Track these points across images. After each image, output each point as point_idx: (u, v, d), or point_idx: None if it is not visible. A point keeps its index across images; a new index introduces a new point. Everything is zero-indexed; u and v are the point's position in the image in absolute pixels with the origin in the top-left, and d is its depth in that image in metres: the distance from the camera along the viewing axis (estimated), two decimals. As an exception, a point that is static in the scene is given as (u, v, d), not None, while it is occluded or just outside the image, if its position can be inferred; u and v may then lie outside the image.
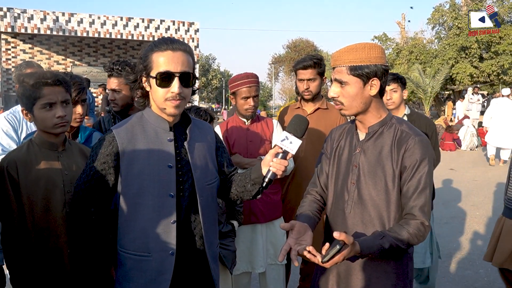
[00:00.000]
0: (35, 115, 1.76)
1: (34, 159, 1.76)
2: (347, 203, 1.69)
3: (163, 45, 1.54)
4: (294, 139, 1.53)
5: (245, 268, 2.70)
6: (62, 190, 1.78)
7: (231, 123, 2.77)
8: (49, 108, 1.74)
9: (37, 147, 1.79)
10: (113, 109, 2.56)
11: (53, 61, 15.40)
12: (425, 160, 1.59)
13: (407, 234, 1.55)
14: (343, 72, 1.62)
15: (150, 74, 1.55)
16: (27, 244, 1.73)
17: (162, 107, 1.58)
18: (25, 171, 1.73)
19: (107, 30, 14.70)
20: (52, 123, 1.75)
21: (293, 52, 40.53)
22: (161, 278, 1.59)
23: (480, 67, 19.76)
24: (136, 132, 1.61)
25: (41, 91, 1.72)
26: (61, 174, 1.79)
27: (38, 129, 1.81)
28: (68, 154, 1.86)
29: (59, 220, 1.77)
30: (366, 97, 1.63)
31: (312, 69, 2.90)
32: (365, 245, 1.52)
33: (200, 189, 1.65)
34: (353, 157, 1.70)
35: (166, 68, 1.52)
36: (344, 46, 1.66)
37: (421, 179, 1.58)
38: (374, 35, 25.34)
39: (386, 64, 1.65)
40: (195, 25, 15.93)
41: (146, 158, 1.58)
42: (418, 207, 1.58)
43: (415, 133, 1.64)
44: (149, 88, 1.59)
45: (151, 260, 1.59)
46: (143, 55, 1.59)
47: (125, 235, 1.63)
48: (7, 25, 13.60)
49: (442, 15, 22.34)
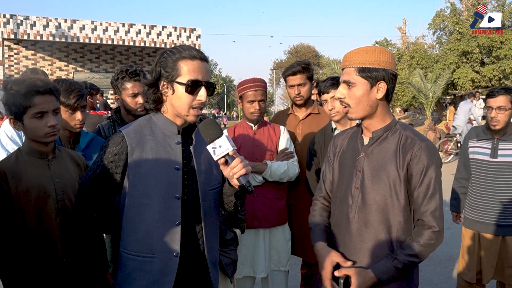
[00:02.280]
0: (25, 124, 1.70)
1: (23, 168, 1.72)
2: (351, 208, 1.69)
3: (191, 53, 1.56)
4: (218, 141, 1.50)
5: (247, 272, 2.70)
6: (54, 198, 1.75)
7: (239, 127, 2.80)
8: (40, 117, 1.69)
9: (26, 156, 1.75)
10: (140, 113, 2.58)
11: (56, 67, 15.46)
12: (433, 165, 1.59)
13: (419, 247, 1.56)
14: (352, 73, 1.63)
15: (176, 80, 1.56)
16: (20, 254, 1.70)
17: (184, 114, 1.59)
18: (15, 181, 1.68)
19: (109, 37, 14.78)
20: (43, 132, 1.70)
21: (295, 58, 40.66)
22: (164, 279, 1.60)
23: (482, 72, 19.74)
24: (145, 133, 1.62)
25: (32, 100, 1.66)
26: (53, 183, 1.76)
27: (27, 138, 1.76)
28: (59, 161, 1.83)
29: (53, 229, 1.74)
30: (373, 100, 1.63)
31: (301, 74, 2.95)
32: (379, 271, 1.55)
33: (203, 193, 1.66)
34: (357, 162, 1.70)
35: (196, 76, 1.55)
36: (355, 48, 1.67)
37: (430, 184, 1.59)
38: (375, 40, 25.41)
39: (395, 70, 1.65)
40: (196, 31, 16.00)
41: (154, 160, 1.59)
42: (429, 212, 1.58)
43: (420, 138, 1.63)
44: (170, 93, 1.59)
45: (155, 261, 1.59)
46: (166, 60, 1.58)
47: (129, 236, 1.63)
48: (10, 32, 13.69)
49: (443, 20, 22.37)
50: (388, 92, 1.64)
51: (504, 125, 2.83)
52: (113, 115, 2.66)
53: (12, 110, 1.69)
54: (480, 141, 2.97)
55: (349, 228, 1.69)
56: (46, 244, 1.73)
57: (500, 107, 2.81)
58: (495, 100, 2.83)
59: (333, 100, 2.60)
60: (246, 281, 2.74)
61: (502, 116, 2.81)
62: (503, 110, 2.80)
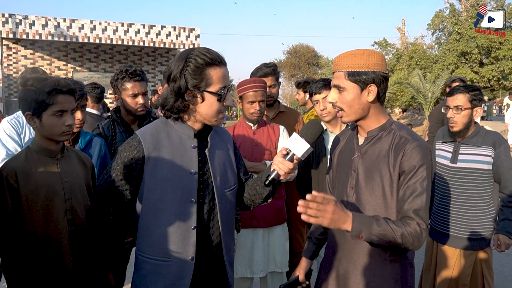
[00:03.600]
0: (43, 121, 1.74)
1: (33, 167, 1.75)
2: (346, 208, 1.68)
3: (216, 58, 1.54)
4: (302, 142, 1.55)
5: (244, 272, 2.69)
6: (62, 197, 1.77)
7: (238, 127, 2.81)
8: (60, 115, 1.75)
9: (36, 155, 1.77)
10: (140, 113, 2.60)
11: (54, 67, 15.44)
12: (423, 165, 1.57)
13: (403, 229, 1.49)
14: (341, 77, 1.63)
15: (207, 90, 1.53)
16: (27, 253, 1.72)
17: (213, 120, 1.60)
18: (25, 180, 1.71)
19: (108, 36, 14.76)
20: (60, 130, 1.75)
21: (293, 58, 40.63)
22: (180, 282, 1.61)
23: (480, 73, 19.79)
24: (161, 138, 1.61)
25: (55, 98, 1.73)
26: (61, 182, 1.78)
27: (41, 135, 1.79)
28: (67, 161, 1.85)
29: (61, 228, 1.76)
30: (364, 103, 1.63)
31: (272, 76, 3.12)
32: (358, 217, 1.46)
33: (219, 196, 1.67)
34: (352, 162, 1.71)
35: (225, 83, 1.56)
36: (344, 52, 1.67)
37: (417, 184, 1.55)
38: (375, 41, 25.42)
39: (385, 71, 1.64)
40: (196, 31, 15.98)
41: (170, 165, 1.59)
42: (412, 209, 1.54)
43: (413, 138, 1.62)
44: (199, 102, 1.56)
45: (171, 265, 1.60)
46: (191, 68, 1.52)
47: (145, 240, 1.64)
48: (8, 31, 13.66)
49: (442, 20, 22.42)
50: (379, 94, 1.64)
51: (463, 127, 2.51)
52: (113, 114, 2.66)
53: (32, 106, 1.72)
54: (444, 144, 2.68)
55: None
56: (53, 244, 1.75)
57: (457, 107, 2.50)
58: (453, 99, 2.53)
59: (325, 101, 2.61)
60: (244, 282, 2.74)
61: (459, 117, 2.50)
62: (460, 110, 2.49)
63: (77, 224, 1.81)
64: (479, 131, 2.56)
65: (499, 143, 2.50)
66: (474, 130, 2.55)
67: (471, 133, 2.55)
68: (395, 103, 23.11)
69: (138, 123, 2.67)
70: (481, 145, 2.51)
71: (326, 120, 2.68)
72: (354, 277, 1.67)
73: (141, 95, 2.57)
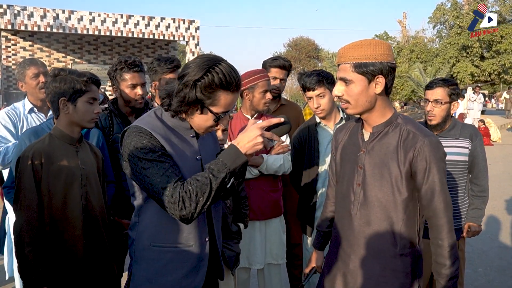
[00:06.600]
0: (77, 106, 1.91)
1: (57, 151, 1.89)
2: (353, 204, 1.68)
3: (233, 85, 1.53)
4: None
5: (242, 264, 2.70)
6: (79, 183, 1.91)
7: (235, 119, 2.80)
8: (91, 103, 1.95)
9: (58, 141, 1.92)
10: (139, 105, 2.60)
11: (53, 59, 15.38)
12: (437, 161, 1.56)
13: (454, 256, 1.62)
14: (348, 69, 1.59)
15: (209, 108, 1.55)
16: (42, 235, 1.82)
17: (200, 131, 1.65)
18: (48, 163, 1.84)
19: (107, 28, 14.68)
20: (90, 117, 1.96)
21: (294, 51, 40.48)
22: (200, 264, 1.66)
23: (481, 66, 19.74)
24: (164, 129, 1.62)
25: (91, 87, 1.95)
26: (79, 168, 1.93)
27: (69, 121, 1.92)
28: (84, 149, 2.01)
29: (76, 212, 1.89)
30: (371, 95, 1.59)
31: (286, 71, 3.15)
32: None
33: None
34: (358, 158, 1.68)
35: (228, 108, 1.58)
36: (349, 43, 1.62)
37: (435, 180, 1.57)
38: (375, 34, 25.37)
39: (392, 61, 1.61)
40: (195, 23, 15.90)
41: (179, 153, 1.60)
42: (439, 208, 1.59)
43: (422, 134, 1.59)
44: (197, 113, 1.57)
45: (192, 249, 1.64)
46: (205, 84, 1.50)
47: (162, 229, 1.62)
48: (7, 23, 13.58)
49: (444, 14, 22.31)
50: (387, 86, 1.60)
51: (440, 120, 2.54)
52: (110, 106, 2.64)
53: (69, 92, 1.90)
54: None
55: (351, 225, 1.68)
56: (69, 227, 1.87)
57: (436, 100, 2.51)
58: (432, 92, 2.54)
59: (319, 98, 2.55)
60: (241, 272, 2.75)
61: (438, 110, 2.52)
62: (439, 103, 2.51)
63: (89, 210, 1.94)
64: (455, 124, 2.62)
65: (475, 135, 2.60)
66: (450, 123, 2.61)
67: (448, 126, 2.60)
68: (395, 97, 23.06)
69: (136, 114, 2.66)
70: (459, 137, 2.57)
71: (320, 117, 2.64)
72: (363, 272, 1.66)
73: (140, 86, 2.55)
